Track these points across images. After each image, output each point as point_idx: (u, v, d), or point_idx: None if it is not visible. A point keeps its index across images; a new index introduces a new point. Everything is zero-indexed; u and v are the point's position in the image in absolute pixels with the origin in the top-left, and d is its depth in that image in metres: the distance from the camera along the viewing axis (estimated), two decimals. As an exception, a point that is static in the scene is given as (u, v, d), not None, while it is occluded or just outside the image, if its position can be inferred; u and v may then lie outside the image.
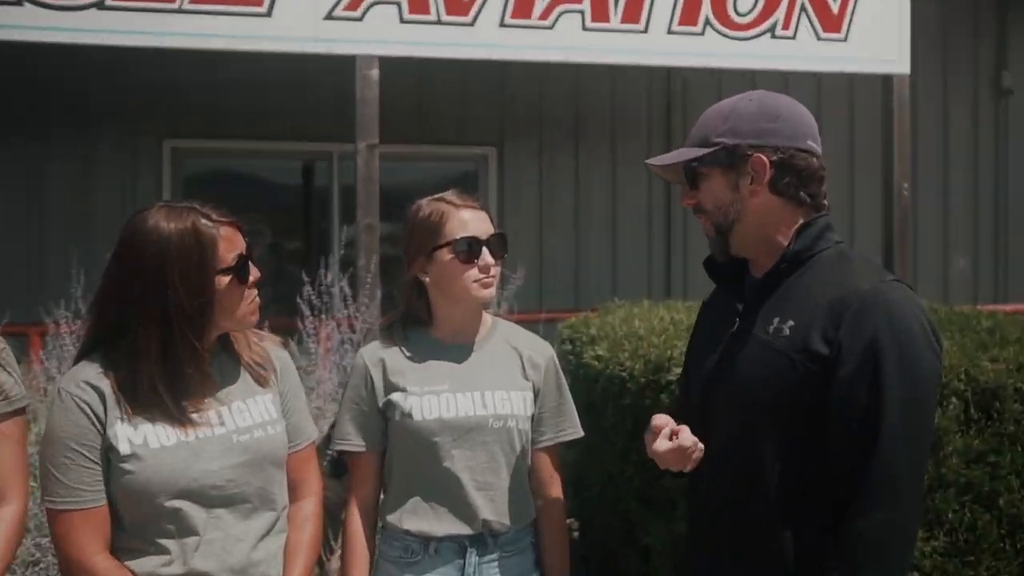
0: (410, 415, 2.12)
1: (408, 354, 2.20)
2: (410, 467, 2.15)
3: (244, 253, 1.91)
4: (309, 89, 7.17)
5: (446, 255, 2.15)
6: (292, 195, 8.09)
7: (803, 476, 1.71)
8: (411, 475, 2.15)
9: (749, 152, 1.77)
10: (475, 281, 2.15)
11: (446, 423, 2.12)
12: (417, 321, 2.26)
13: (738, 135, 1.78)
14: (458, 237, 2.14)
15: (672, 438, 1.80)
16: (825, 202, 1.84)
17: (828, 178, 1.86)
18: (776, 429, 1.72)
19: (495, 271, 2.17)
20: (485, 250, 2.15)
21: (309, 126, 7.35)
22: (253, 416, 1.94)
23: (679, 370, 3.09)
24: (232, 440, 1.90)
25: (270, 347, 2.08)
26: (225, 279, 1.87)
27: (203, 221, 1.85)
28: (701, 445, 1.81)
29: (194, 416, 1.87)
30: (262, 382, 2.00)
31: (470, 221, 2.16)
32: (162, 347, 1.83)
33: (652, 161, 1.91)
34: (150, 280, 1.80)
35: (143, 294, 1.81)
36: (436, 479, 2.12)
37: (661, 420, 1.83)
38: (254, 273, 1.93)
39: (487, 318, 2.29)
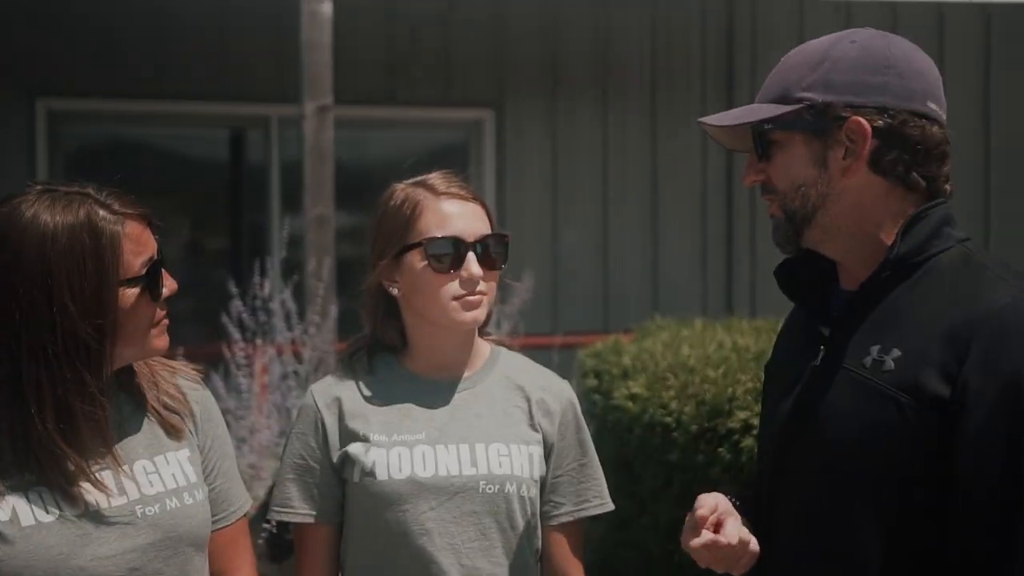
0: (372, 473, 2.13)
1: (372, 392, 2.23)
2: (373, 544, 2.17)
3: (156, 257, 1.92)
4: (237, 31, 7.22)
5: (417, 260, 2.17)
6: (214, 175, 8.13)
7: (915, 570, 1.70)
8: (375, 554, 2.17)
9: (845, 114, 1.76)
10: (454, 299, 2.15)
11: (421, 485, 2.13)
12: (387, 348, 2.29)
13: (831, 90, 1.77)
14: (433, 236, 2.17)
15: (718, 530, 1.80)
16: (947, 187, 1.84)
17: (952, 154, 1.85)
18: (875, 502, 1.71)
19: (485, 287, 2.18)
20: (470, 256, 2.16)
21: (237, 81, 7.40)
22: (164, 480, 1.95)
23: (745, 415, 3.14)
24: (135, 514, 1.90)
25: (185, 384, 2.09)
26: (131, 292, 1.87)
27: (101, 213, 1.85)
28: (755, 544, 1.82)
29: (83, 483, 1.87)
30: (175, 433, 2.01)
31: (453, 215, 2.17)
32: (47, 389, 1.82)
33: (709, 120, 1.90)
34: (28, 296, 1.80)
35: (17, 316, 1.80)
36: (408, 561, 2.14)
37: (708, 503, 1.84)
38: (169, 285, 1.95)
39: (483, 346, 2.32)
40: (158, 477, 1.95)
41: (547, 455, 2.25)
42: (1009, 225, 8.30)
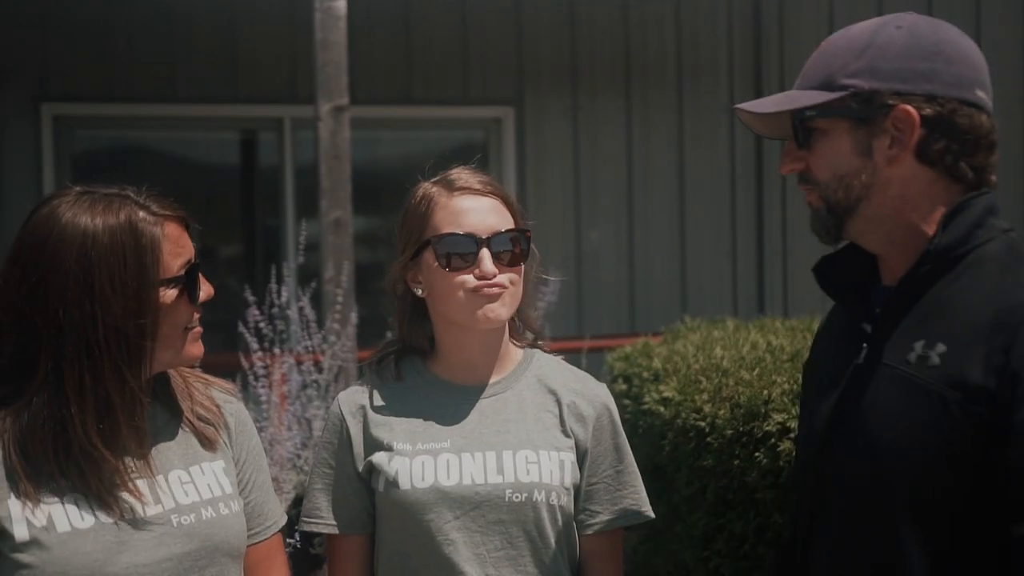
0: (395, 482, 2.16)
1: (398, 399, 2.25)
2: (400, 554, 2.19)
3: (194, 260, 1.98)
4: (249, 31, 7.26)
5: (431, 258, 2.19)
6: (227, 180, 8.17)
7: None
8: (403, 565, 2.19)
9: (892, 102, 1.76)
10: (471, 291, 2.16)
11: (445, 494, 2.14)
12: (416, 352, 2.31)
13: (878, 76, 1.77)
14: (443, 232, 2.18)
15: None
16: (993, 178, 1.84)
17: (999, 143, 1.85)
18: (922, 506, 1.70)
19: (504, 279, 2.18)
20: (484, 252, 2.17)
21: (249, 82, 7.45)
22: (199, 490, 1.99)
23: (782, 417, 3.14)
24: (171, 523, 1.94)
25: (220, 397, 2.14)
26: (170, 293, 1.93)
27: (141, 214, 1.91)
28: None
29: (119, 489, 1.91)
30: (209, 444, 2.05)
31: (466, 211, 2.19)
32: (88, 387, 1.86)
33: (747, 107, 1.91)
34: (71, 294, 1.85)
35: (60, 313, 1.85)
36: (435, 571, 2.15)
37: None
38: (205, 289, 2.00)
39: (514, 349, 2.33)
40: (193, 487, 1.99)
41: (581, 461, 2.25)
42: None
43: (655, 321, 7.03)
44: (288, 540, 4.04)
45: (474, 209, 2.20)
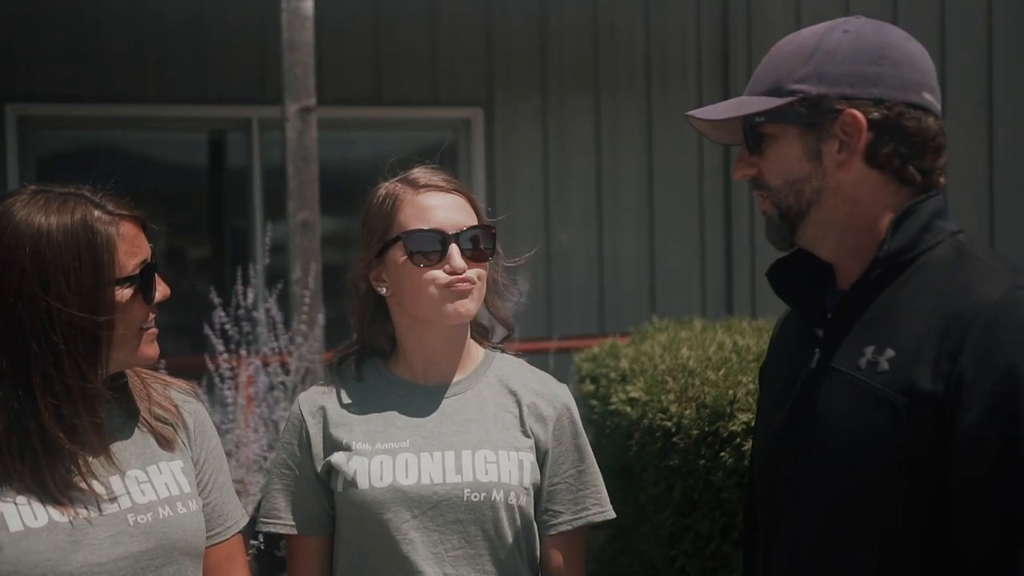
0: (354, 482, 2.16)
1: (358, 399, 2.26)
2: (359, 554, 2.20)
3: (150, 260, 1.98)
4: (217, 31, 7.24)
5: (399, 255, 2.20)
6: (194, 180, 8.14)
7: None
8: (361, 565, 2.20)
9: (839, 106, 1.77)
10: (443, 287, 2.18)
11: (403, 493, 2.15)
12: (377, 353, 2.32)
13: (825, 81, 1.78)
14: (412, 229, 2.19)
15: None
16: (942, 180, 1.84)
17: (948, 145, 1.86)
18: (874, 509, 1.72)
19: (472, 275, 2.20)
20: (453, 248, 2.18)
21: (216, 83, 7.43)
22: (156, 490, 1.99)
23: (747, 417, 3.15)
24: (127, 522, 1.94)
25: (178, 397, 2.14)
26: (125, 292, 1.93)
27: (97, 213, 1.91)
28: None
29: (74, 488, 1.91)
30: (167, 444, 2.05)
31: (433, 208, 2.20)
32: (50, 382, 1.87)
33: (698, 114, 1.92)
34: (26, 292, 1.85)
35: (16, 311, 1.85)
36: (394, 571, 2.16)
37: None
38: (161, 289, 2.00)
39: (476, 350, 2.35)
40: (150, 486, 1.99)
41: (542, 462, 2.26)
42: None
43: (624, 322, 7.06)
44: (252, 542, 4.03)
45: (441, 206, 2.21)
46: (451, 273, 2.17)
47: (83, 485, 1.91)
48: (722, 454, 3.27)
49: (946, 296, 1.72)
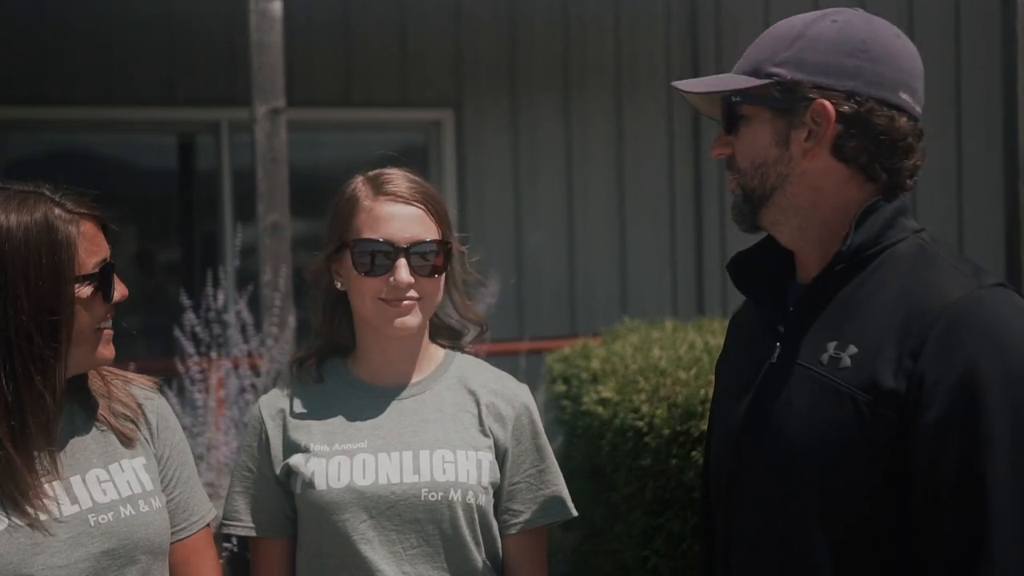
0: (311, 483, 2.17)
1: (317, 401, 2.27)
2: (318, 556, 2.21)
3: (109, 260, 1.97)
4: (185, 32, 7.21)
5: (348, 261, 2.21)
6: (163, 184, 8.10)
7: None
8: (321, 566, 2.20)
9: (812, 95, 1.77)
10: (380, 299, 2.18)
11: (360, 493, 2.15)
12: (337, 352, 2.32)
13: (802, 68, 1.78)
14: (361, 237, 2.18)
15: None
16: (910, 182, 1.84)
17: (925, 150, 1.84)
18: (833, 506, 1.71)
19: (420, 292, 2.19)
20: (401, 262, 2.17)
21: (185, 85, 7.39)
22: (118, 488, 1.99)
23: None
24: (88, 522, 1.93)
25: (140, 394, 2.13)
26: (84, 290, 1.92)
27: (57, 211, 1.91)
28: None
29: (31, 490, 1.90)
30: (129, 442, 2.05)
31: (388, 218, 2.19)
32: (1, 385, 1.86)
33: (681, 85, 1.91)
34: None
35: None
36: (352, 570, 2.16)
37: None
38: (120, 289, 1.99)
39: (436, 351, 2.35)
40: (112, 485, 1.98)
41: (501, 462, 2.27)
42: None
43: (595, 323, 7.07)
44: (225, 544, 4.01)
45: (396, 216, 2.19)
46: (394, 286, 2.16)
47: (41, 487, 1.91)
48: (694, 453, 3.28)
49: (909, 293, 1.72)
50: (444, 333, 2.37)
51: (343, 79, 7.63)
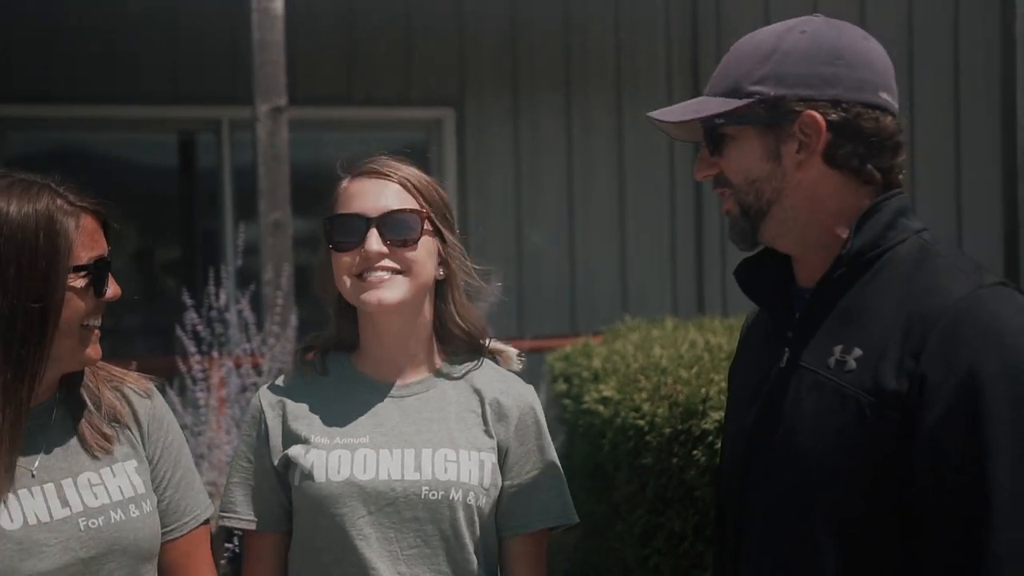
0: (310, 475, 2.14)
1: (320, 393, 2.24)
2: (314, 550, 2.17)
3: (105, 257, 1.97)
4: (187, 31, 7.20)
5: (327, 246, 2.19)
6: (165, 181, 8.10)
7: None
8: (316, 561, 2.17)
9: (798, 108, 1.77)
10: (351, 275, 2.15)
11: (359, 487, 2.12)
12: (342, 347, 2.30)
13: (783, 83, 1.78)
14: (334, 214, 2.18)
15: None
16: (900, 177, 1.85)
17: (906, 144, 1.86)
18: (839, 507, 1.71)
19: (394, 264, 2.14)
20: (372, 232, 2.13)
21: (187, 83, 7.39)
22: (109, 492, 1.97)
23: (719, 415, 3.16)
24: (78, 527, 1.92)
25: (132, 395, 2.10)
26: (77, 281, 1.91)
27: (59, 202, 1.90)
28: None
29: (21, 492, 1.89)
30: (120, 445, 2.03)
31: (360, 193, 2.17)
32: None
33: (657, 115, 1.92)
34: None
35: None
36: (348, 567, 2.14)
37: None
38: (113, 288, 1.98)
39: (440, 351, 2.31)
40: (103, 489, 1.97)
41: (503, 462, 2.23)
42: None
43: (596, 322, 7.06)
44: (227, 545, 4.01)
45: (369, 191, 2.17)
46: (366, 256, 2.13)
47: (30, 490, 1.90)
48: (695, 452, 3.27)
49: (910, 294, 1.73)
50: (460, 345, 2.32)
51: (345, 77, 7.63)
